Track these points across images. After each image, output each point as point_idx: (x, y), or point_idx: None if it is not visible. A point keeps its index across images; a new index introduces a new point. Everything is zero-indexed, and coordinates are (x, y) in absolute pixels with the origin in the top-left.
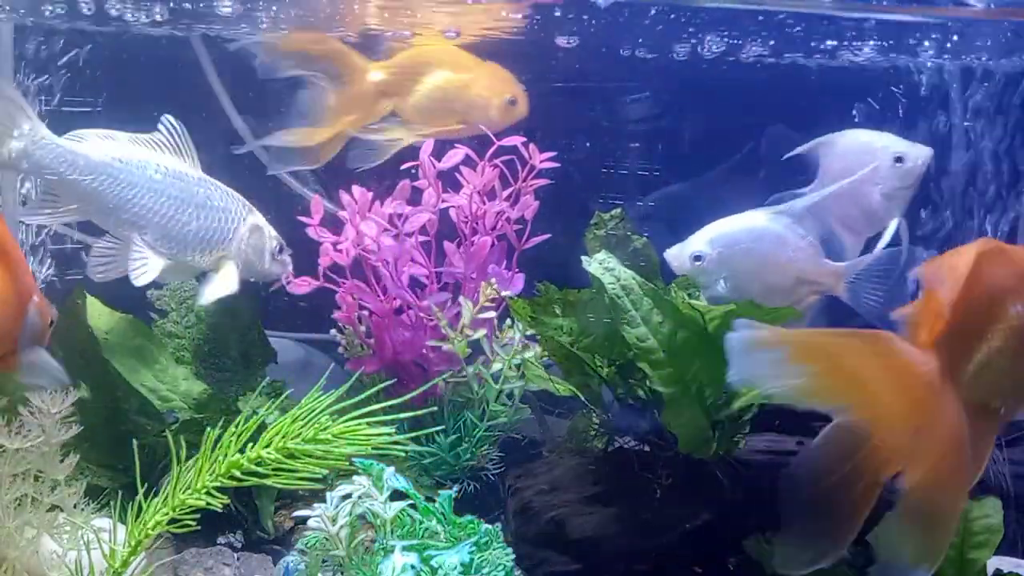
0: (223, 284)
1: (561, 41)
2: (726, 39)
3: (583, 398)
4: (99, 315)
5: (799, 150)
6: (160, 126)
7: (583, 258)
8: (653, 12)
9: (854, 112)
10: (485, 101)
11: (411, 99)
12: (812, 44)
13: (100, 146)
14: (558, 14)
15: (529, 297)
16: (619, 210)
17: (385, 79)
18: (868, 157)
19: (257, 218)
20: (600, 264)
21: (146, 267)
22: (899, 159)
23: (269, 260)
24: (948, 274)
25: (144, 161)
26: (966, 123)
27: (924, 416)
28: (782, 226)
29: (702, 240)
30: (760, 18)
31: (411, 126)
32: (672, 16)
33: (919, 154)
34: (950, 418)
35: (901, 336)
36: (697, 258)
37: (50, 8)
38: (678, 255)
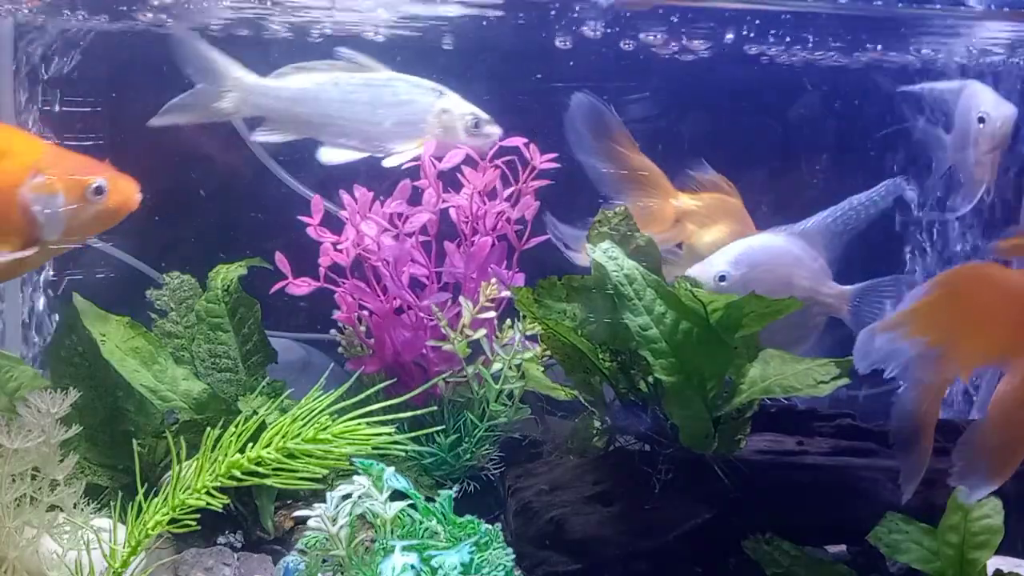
0: (406, 152)
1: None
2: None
3: (583, 398)
4: (95, 317)
5: (933, 85)
6: (340, 53)
7: (587, 245)
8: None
9: None
10: None
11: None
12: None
13: (297, 78)
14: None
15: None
16: (623, 207)
17: (688, 211)
18: (968, 114)
19: (447, 101)
20: (604, 252)
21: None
22: (981, 120)
23: (465, 135)
24: None
25: (334, 80)
26: None
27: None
28: (798, 247)
29: (725, 260)
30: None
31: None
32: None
33: (999, 115)
34: None
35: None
36: (722, 278)
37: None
38: (702, 274)
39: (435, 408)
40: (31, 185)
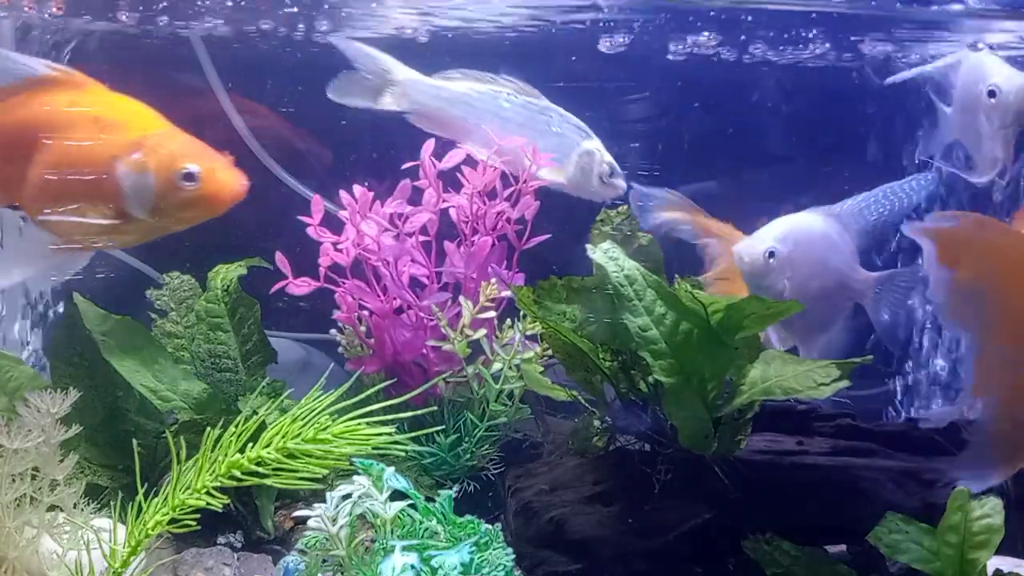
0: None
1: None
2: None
3: (584, 398)
4: (96, 317)
5: (921, 69)
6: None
7: (588, 246)
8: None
9: None
10: None
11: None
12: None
13: (461, 82)
14: None
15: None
16: (624, 207)
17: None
18: (974, 87)
19: (592, 143)
20: (604, 253)
21: None
22: (992, 93)
23: (598, 182)
24: None
25: (494, 94)
26: None
27: None
28: (835, 230)
29: (774, 236)
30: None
31: None
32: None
33: (1013, 87)
34: None
35: None
36: (771, 254)
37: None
38: (750, 251)
39: (435, 408)
40: (127, 159)
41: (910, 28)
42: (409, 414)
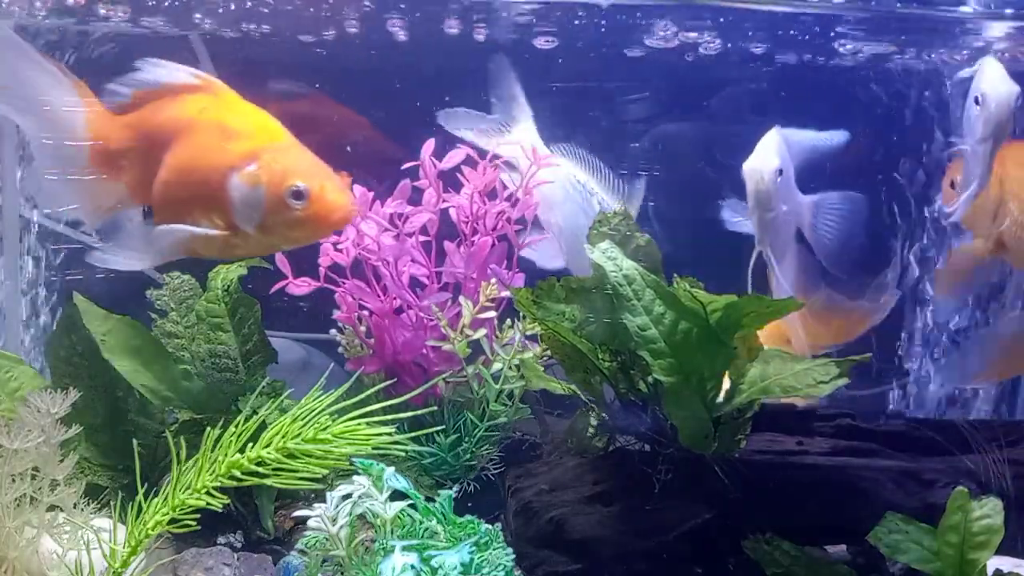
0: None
1: None
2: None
3: (584, 397)
4: (96, 317)
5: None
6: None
7: (586, 246)
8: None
9: None
10: None
11: None
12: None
13: (560, 166)
14: None
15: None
16: (623, 207)
17: None
18: (972, 94)
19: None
20: (603, 252)
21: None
22: (976, 100)
23: None
24: None
25: (570, 190)
26: None
27: None
28: (792, 152)
29: (776, 154)
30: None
31: None
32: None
33: (996, 95)
34: None
35: None
36: (780, 172)
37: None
38: (760, 169)
39: (435, 408)
40: (241, 171)
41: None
42: (409, 414)
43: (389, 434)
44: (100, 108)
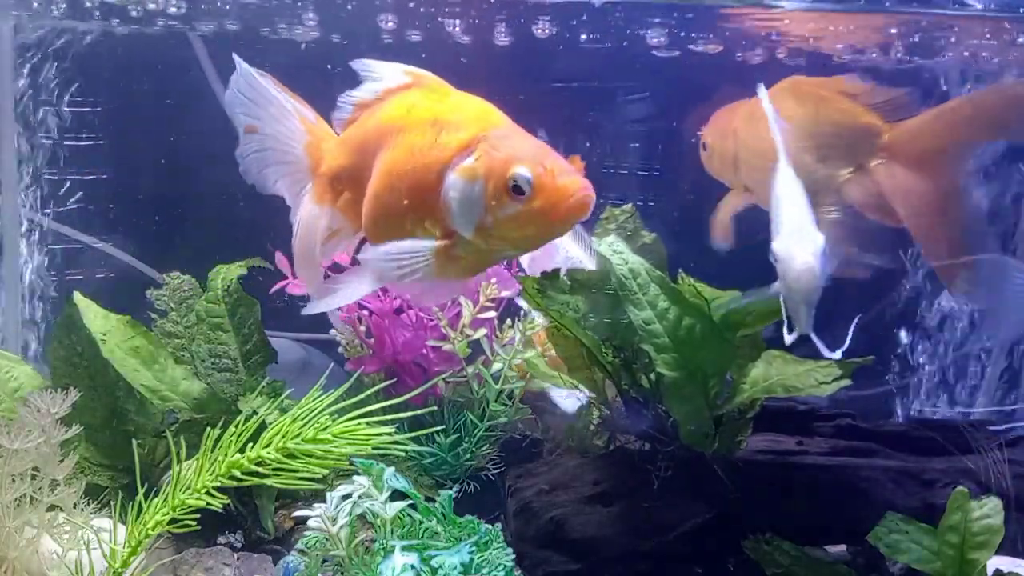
0: None
1: None
2: None
3: (586, 393)
4: (96, 317)
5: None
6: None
7: (592, 239)
8: None
9: None
10: None
11: None
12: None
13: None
14: None
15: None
16: (630, 206)
17: None
18: None
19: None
20: (609, 246)
21: None
22: None
23: None
24: None
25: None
26: None
27: None
28: None
29: (814, 236)
30: None
31: None
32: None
33: None
34: None
35: None
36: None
37: None
38: (811, 258)
39: (435, 408)
40: (457, 166)
41: None
42: (409, 414)
43: (389, 434)
44: (333, 139)
